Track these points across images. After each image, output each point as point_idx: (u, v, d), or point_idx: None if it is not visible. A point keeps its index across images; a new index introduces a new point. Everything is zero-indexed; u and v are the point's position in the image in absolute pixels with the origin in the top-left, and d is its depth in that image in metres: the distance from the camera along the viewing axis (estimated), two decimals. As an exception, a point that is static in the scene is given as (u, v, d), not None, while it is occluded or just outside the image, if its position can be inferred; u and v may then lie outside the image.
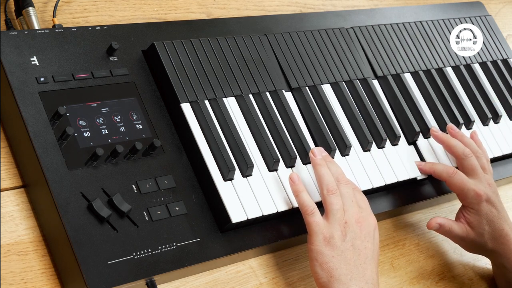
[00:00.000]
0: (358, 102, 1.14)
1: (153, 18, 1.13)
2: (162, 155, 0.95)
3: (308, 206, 0.96)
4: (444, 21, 1.35)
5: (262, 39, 1.11)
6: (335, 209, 0.96)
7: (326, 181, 0.98)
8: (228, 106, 1.02)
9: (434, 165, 1.13)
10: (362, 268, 0.94)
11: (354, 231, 0.95)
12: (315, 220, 0.95)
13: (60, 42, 0.96)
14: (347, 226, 0.95)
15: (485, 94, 1.30)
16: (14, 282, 0.85)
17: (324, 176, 0.98)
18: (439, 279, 1.16)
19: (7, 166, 0.91)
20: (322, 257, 0.93)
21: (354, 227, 0.95)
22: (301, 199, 0.97)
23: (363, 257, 0.94)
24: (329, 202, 0.96)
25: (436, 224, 1.11)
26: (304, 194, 0.97)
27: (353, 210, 0.96)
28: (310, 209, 0.95)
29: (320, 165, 0.99)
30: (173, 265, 0.89)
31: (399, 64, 1.24)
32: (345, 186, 0.98)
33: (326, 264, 0.93)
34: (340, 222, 0.95)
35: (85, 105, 0.94)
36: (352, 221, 0.95)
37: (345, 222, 0.95)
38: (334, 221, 0.95)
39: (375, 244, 0.96)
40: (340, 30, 1.20)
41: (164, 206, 0.92)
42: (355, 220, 0.96)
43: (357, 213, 0.96)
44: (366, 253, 0.95)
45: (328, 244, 0.94)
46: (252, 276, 0.99)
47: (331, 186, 0.97)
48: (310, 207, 0.96)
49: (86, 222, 0.86)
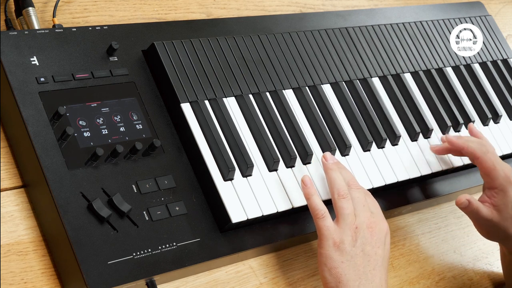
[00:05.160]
0: (358, 102, 1.14)
1: (153, 18, 1.13)
2: (162, 155, 0.95)
3: (319, 210, 0.95)
4: (444, 21, 1.35)
5: (262, 39, 1.11)
6: (346, 213, 0.95)
7: (337, 185, 0.97)
8: (228, 106, 1.02)
9: (467, 141, 1.10)
10: (371, 274, 0.92)
11: (365, 237, 0.94)
12: (326, 224, 0.94)
13: (60, 42, 0.96)
14: (358, 231, 0.94)
15: (485, 94, 1.30)
16: (14, 282, 0.85)
17: (335, 180, 0.97)
18: (439, 279, 1.16)
19: (7, 166, 0.91)
20: (331, 262, 0.92)
21: (365, 233, 0.94)
22: (312, 202, 0.96)
23: (373, 263, 0.93)
24: (340, 206, 0.95)
25: (466, 201, 1.08)
26: (316, 198, 0.96)
27: (365, 215, 0.95)
28: (321, 213, 0.94)
29: (332, 169, 0.99)
30: (173, 265, 0.89)
31: (399, 64, 1.24)
32: (356, 191, 0.97)
33: (335, 269, 0.92)
34: (351, 227, 0.94)
35: (85, 105, 0.94)
36: (363, 226, 0.94)
37: (356, 227, 0.94)
38: (345, 225, 0.94)
39: (385, 250, 0.95)
40: (340, 30, 1.20)
41: (164, 206, 0.92)
42: (366, 225, 0.95)
43: (368, 218, 0.95)
44: (376, 259, 0.93)
45: (338, 249, 0.93)
46: (252, 276, 0.99)
47: (342, 191, 0.96)
48: (321, 210, 0.94)
49: (86, 222, 0.86)
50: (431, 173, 1.15)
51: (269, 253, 1.02)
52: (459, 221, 1.24)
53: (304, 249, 1.04)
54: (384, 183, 1.09)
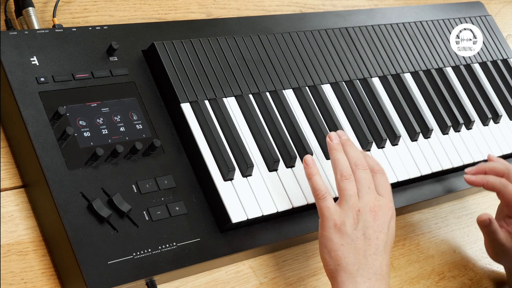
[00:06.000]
0: (358, 102, 1.14)
1: (153, 18, 1.13)
2: (162, 155, 0.95)
3: (320, 190, 0.93)
4: (444, 21, 1.35)
5: (262, 39, 1.11)
6: (348, 194, 0.92)
7: (340, 166, 0.95)
8: (228, 106, 1.02)
9: (486, 177, 1.13)
10: (372, 259, 0.90)
11: (367, 220, 0.91)
12: (327, 205, 0.92)
13: (60, 42, 0.96)
14: (360, 214, 0.91)
15: (485, 94, 1.30)
16: (14, 282, 0.85)
17: (338, 160, 0.95)
18: (439, 279, 1.16)
19: (7, 166, 0.91)
20: (331, 244, 0.91)
21: (367, 216, 0.91)
22: (314, 182, 0.94)
23: (374, 248, 0.91)
24: (343, 187, 0.93)
25: (488, 220, 1.10)
26: (317, 178, 0.94)
27: (369, 197, 0.93)
28: (322, 193, 0.93)
29: (335, 149, 0.96)
30: (173, 265, 0.89)
31: (399, 64, 1.24)
32: (362, 171, 0.95)
33: (335, 252, 0.90)
34: (353, 209, 0.92)
35: (85, 105, 0.94)
36: (366, 209, 0.92)
37: (358, 209, 0.92)
38: (347, 207, 0.92)
39: (389, 235, 0.92)
40: (340, 30, 1.20)
41: (164, 206, 0.92)
42: (370, 208, 0.92)
43: (372, 201, 0.93)
44: (378, 243, 0.91)
45: (339, 231, 0.91)
46: (252, 276, 0.99)
47: (345, 171, 0.94)
48: (322, 191, 0.93)
49: (86, 222, 0.86)
50: (431, 173, 1.15)
51: (269, 253, 1.02)
52: (459, 221, 1.24)
53: (304, 249, 1.04)
54: (384, 183, 1.09)
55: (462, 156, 1.19)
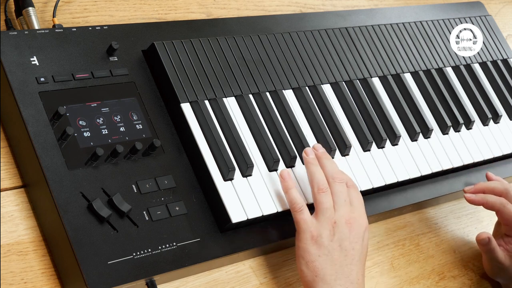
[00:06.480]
0: (358, 102, 1.14)
1: (153, 18, 1.13)
2: (162, 155, 0.95)
3: (296, 204, 0.95)
4: (444, 21, 1.35)
5: (262, 39, 1.11)
6: (324, 208, 0.95)
7: (316, 179, 0.97)
8: (228, 106, 1.02)
9: (486, 196, 1.14)
10: (348, 269, 0.93)
11: (343, 232, 0.94)
12: (303, 218, 0.94)
13: (60, 42, 0.96)
14: (336, 226, 0.94)
15: (485, 94, 1.30)
16: (14, 282, 0.85)
17: (314, 174, 0.98)
18: (439, 279, 1.16)
19: (7, 166, 0.91)
20: (308, 255, 0.93)
21: (343, 228, 0.94)
22: (290, 195, 0.96)
23: (350, 258, 0.93)
24: (319, 201, 0.96)
25: (487, 238, 1.12)
26: (294, 191, 0.96)
27: (344, 210, 0.96)
28: (298, 206, 0.95)
29: (311, 163, 0.99)
30: (173, 265, 0.89)
31: (399, 64, 1.24)
32: (339, 184, 0.97)
33: (312, 263, 0.93)
34: (329, 221, 0.94)
35: (85, 105, 0.94)
36: (341, 221, 0.95)
37: (334, 221, 0.94)
38: (323, 220, 0.94)
39: (363, 246, 0.96)
40: (340, 30, 1.20)
41: (164, 206, 0.92)
42: (345, 220, 0.95)
43: (347, 213, 0.96)
44: (354, 254, 0.94)
45: (316, 243, 0.93)
46: (252, 276, 0.99)
47: (322, 184, 0.96)
48: (299, 204, 0.95)
49: (86, 222, 0.86)
50: (431, 173, 1.15)
51: (269, 253, 1.02)
52: (459, 221, 1.24)
53: (304, 249, 1.04)
54: (384, 183, 1.09)
55: (462, 156, 1.19)
